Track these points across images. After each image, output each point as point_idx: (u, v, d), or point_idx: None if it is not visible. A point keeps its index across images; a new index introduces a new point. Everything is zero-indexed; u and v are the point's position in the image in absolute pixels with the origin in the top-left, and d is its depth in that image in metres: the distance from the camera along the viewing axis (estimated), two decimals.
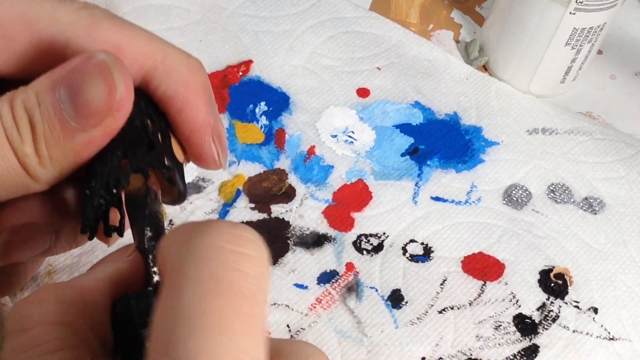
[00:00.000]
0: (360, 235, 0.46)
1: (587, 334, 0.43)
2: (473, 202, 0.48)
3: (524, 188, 0.49)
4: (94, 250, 0.42)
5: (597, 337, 0.43)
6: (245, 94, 0.51)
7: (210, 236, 0.19)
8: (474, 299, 0.44)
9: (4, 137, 0.22)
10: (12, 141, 0.22)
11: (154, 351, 0.18)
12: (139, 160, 0.23)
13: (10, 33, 0.24)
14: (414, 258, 0.45)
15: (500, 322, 0.43)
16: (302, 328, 0.42)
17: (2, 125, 0.22)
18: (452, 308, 0.43)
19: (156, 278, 0.23)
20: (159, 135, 0.24)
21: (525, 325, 0.43)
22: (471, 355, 0.42)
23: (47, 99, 0.22)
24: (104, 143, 0.23)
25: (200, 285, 0.18)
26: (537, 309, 0.44)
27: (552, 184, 0.49)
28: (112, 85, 0.22)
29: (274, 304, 0.42)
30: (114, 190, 0.23)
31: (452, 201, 0.48)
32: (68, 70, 0.23)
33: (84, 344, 0.20)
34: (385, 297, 0.43)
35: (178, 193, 0.25)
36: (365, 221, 0.46)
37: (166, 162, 0.24)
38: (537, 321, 0.43)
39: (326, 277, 0.44)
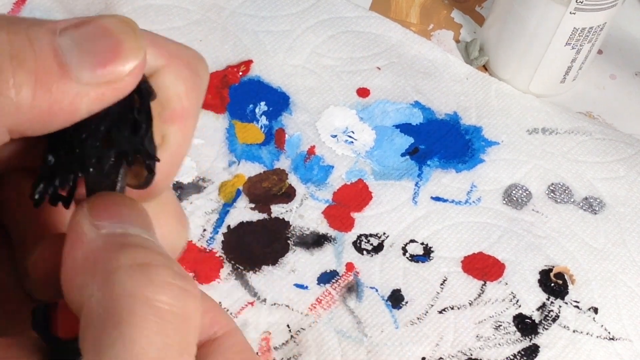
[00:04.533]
0: (360, 235, 0.45)
1: (587, 334, 0.43)
2: (473, 202, 0.48)
3: (524, 188, 0.49)
4: None
5: (597, 337, 0.43)
6: (245, 94, 0.51)
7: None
8: (474, 299, 0.44)
9: None
10: None
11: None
12: (123, 142, 0.21)
13: None
14: (414, 258, 0.45)
15: (501, 322, 0.43)
16: (302, 328, 0.42)
17: None
18: (452, 308, 0.43)
19: None
20: (144, 116, 0.22)
21: (525, 325, 0.43)
22: (471, 355, 0.42)
23: (43, 40, 0.19)
24: (96, 106, 0.20)
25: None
26: (537, 309, 0.44)
27: (552, 184, 0.49)
28: (134, 46, 0.20)
29: (274, 304, 0.42)
30: (90, 169, 0.21)
31: (452, 201, 0.48)
32: (79, 20, 0.20)
33: None
34: (385, 297, 0.43)
35: (146, 180, 0.23)
36: (365, 221, 0.46)
37: (149, 150, 0.22)
38: (537, 321, 0.43)
39: (326, 277, 0.44)
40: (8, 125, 0.19)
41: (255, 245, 0.44)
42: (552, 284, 0.45)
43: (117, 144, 0.21)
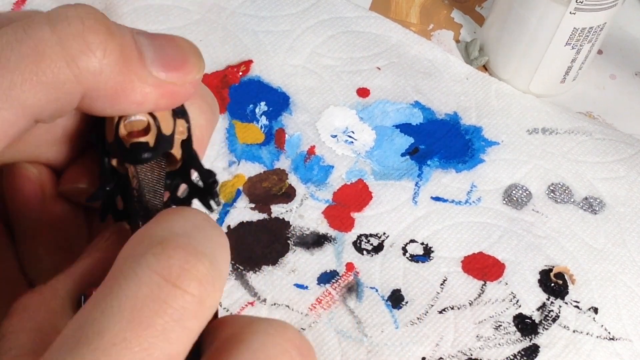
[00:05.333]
0: (360, 235, 0.45)
1: (587, 334, 0.43)
2: (473, 202, 0.48)
3: (524, 188, 0.49)
4: None
5: (597, 337, 0.43)
6: (245, 94, 0.51)
7: (157, 262, 0.18)
8: (474, 299, 0.44)
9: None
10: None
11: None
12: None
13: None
14: (414, 258, 0.45)
15: (501, 322, 0.43)
16: (302, 328, 0.42)
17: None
18: (452, 308, 0.43)
19: None
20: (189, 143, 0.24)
21: (525, 325, 0.43)
22: (471, 355, 0.42)
23: (126, 31, 0.20)
24: (159, 103, 0.21)
25: (113, 301, 0.17)
26: (537, 309, 0.44)
27: (552, 184, 0.49)
28: (197, 62, 0.21)
29: (274, 304, 0.42)
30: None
31: (452, 201, 0.48)
32: (153, 34, 0.21)
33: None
34: (386, 297, 0.43)
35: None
36: (365, 221, 0.46)
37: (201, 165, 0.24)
38: (537, 321, 0.43)
39: (326, 277, 0.44)
40: (86, 86, 0.20)
41: (255, 245, 0.44)
42: (552, 284, 0.45)
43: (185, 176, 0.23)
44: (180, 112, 0.23)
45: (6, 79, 0.19)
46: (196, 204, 0.25)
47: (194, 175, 0.24)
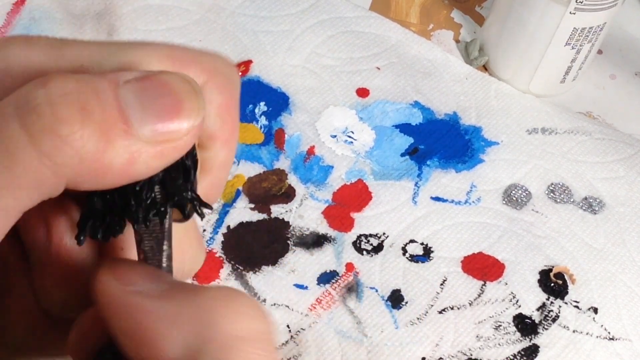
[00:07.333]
0: (360, 235, 0.45)
1: (587, 334, 0.43)
2: (473, 202, 0.48)
3: (524, 188, 0.49)
4: None
5: (597, 337, 0.43)
6: (245, 94, 0.51)
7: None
8: (474, 299, 0.44)
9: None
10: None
11: None
12: (177, 192, 0.21)
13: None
14: (414, 258, 0.45)
15: (500, 322, 0.43)
16: (302, 328, 0.42)
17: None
18: (452, 308, 0.43)
19: None
20: (192, 159, 0.22)
21: (525, 325, 0.43)
22: (471, 355, 0.42)
23: (108, 92, 0.19)
24: (154, 163, 0.19)
25: None
26: (537, 309, 0.44)
27: (552, 184, 0.49)
28: (194, 106, 0.19)
29: (274, 304, 0.42)
30: (146, 223, 0.21)
31: (452, 201, 0.48)
32: (141, 75, 0.19)
33: None
34: (385, 297, 0.43)
35: (188, 215, 0.24)
36: (365, 221, 0.46)
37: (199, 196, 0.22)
38: (537, 321, 0.43)
39: (326, 278, 0.44)
40: (68, 177, 0.18)
41: (255, 246, 0.44)
42: (552, 284, 0.45)
43: (171, 195, 0.21)
44: None
45: None
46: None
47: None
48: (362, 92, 0.52)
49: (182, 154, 0.20)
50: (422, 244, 0.46)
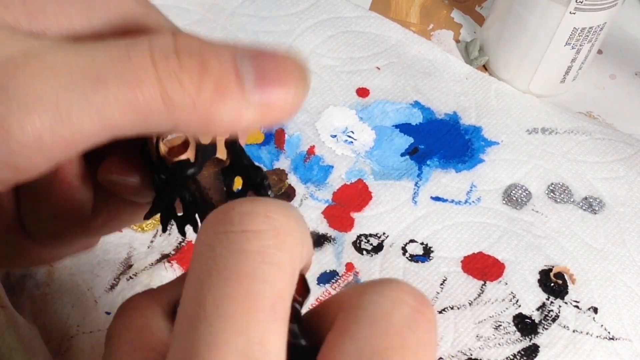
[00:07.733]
0: (360, 235, 0.45)
1: (587, 333, 0.43)
2: (473, 202, 0.48)
3: (524, 188, 0.49)
4: (94, 248, 0.42)
5: (597, 337, 0.43)
6: None
7: (218, 223, 0.19)
8: (474, 299, 0.44)
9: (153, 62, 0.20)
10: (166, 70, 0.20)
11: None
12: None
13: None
14: (413, 258, 0.45)
15: (500, 322, 0.43)
16: None
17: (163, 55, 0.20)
18: (452, 308, 0.43)
19: None
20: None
21: (525, 325, 0.43)
22: (471, 355, 0.42)
23: (227, 56, 0.21)
24: (254, 125, 0.22)
25: (202, 274, 0.19)
26: (537, 309, 0.44)
27: (552, 184, 0.49)
28: (300, 85, 0.21)
29: None
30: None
31: (452, 201, 0.48)
32: (258, 51, 0.22)
33: None
34: None
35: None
36: (365, 221, 0.46)
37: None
38: (537, 321, 0.43)
39: (326, 278, 0.44)
40: (176, 120, 0.20)
41: None
42: (552, 284, 0.45)
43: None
44: None
45: (101, 96, 0.19)
46: None
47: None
48: (362, 92, 0.52)
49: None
50: (422, 243, 0.46)
